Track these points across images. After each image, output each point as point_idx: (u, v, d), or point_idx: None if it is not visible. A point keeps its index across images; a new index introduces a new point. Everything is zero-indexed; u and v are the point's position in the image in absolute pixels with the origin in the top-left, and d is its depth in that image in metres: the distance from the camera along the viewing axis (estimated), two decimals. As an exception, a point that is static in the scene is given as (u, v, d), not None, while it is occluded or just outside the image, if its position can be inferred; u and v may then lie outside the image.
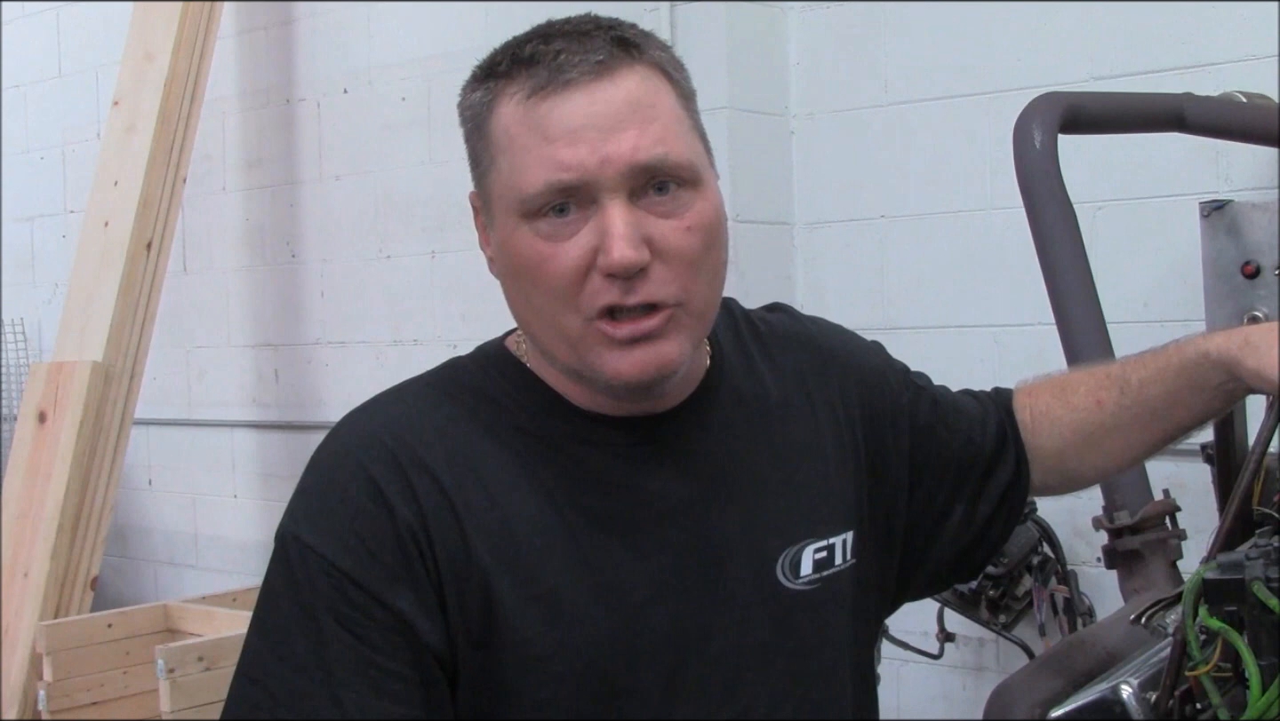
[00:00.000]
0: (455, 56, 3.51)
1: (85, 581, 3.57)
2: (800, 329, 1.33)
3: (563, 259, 1.06)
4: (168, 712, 3.04)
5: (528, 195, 1.06)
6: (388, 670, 1.05)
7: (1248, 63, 2.59)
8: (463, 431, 1.13)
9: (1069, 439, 1.34)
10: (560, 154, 1.05)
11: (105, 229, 3.72)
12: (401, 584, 1.06)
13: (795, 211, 3.20)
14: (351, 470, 1.10)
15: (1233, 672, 1.16)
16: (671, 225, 1.07)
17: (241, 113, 4.11)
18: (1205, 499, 2.23)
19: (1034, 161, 2.02)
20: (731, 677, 1.13)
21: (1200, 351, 1.24)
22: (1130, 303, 2.66)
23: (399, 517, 1.07)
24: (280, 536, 1.11)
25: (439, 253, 3.62)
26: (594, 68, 1.06)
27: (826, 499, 1.22)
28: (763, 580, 1.16)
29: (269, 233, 4.06)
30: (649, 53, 1.10)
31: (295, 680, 1.06)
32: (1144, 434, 1.30)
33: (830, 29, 3.16)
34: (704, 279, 1.10)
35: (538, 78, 1.07)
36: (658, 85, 1.09)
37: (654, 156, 1.06)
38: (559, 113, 1.06)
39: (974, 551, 1.35)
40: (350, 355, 3.85)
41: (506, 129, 1.08)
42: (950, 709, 3.01)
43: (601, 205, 1.06)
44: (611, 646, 1.09)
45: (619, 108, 1.06)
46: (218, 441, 4.23)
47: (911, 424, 1.31)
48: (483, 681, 1.08)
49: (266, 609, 1.10)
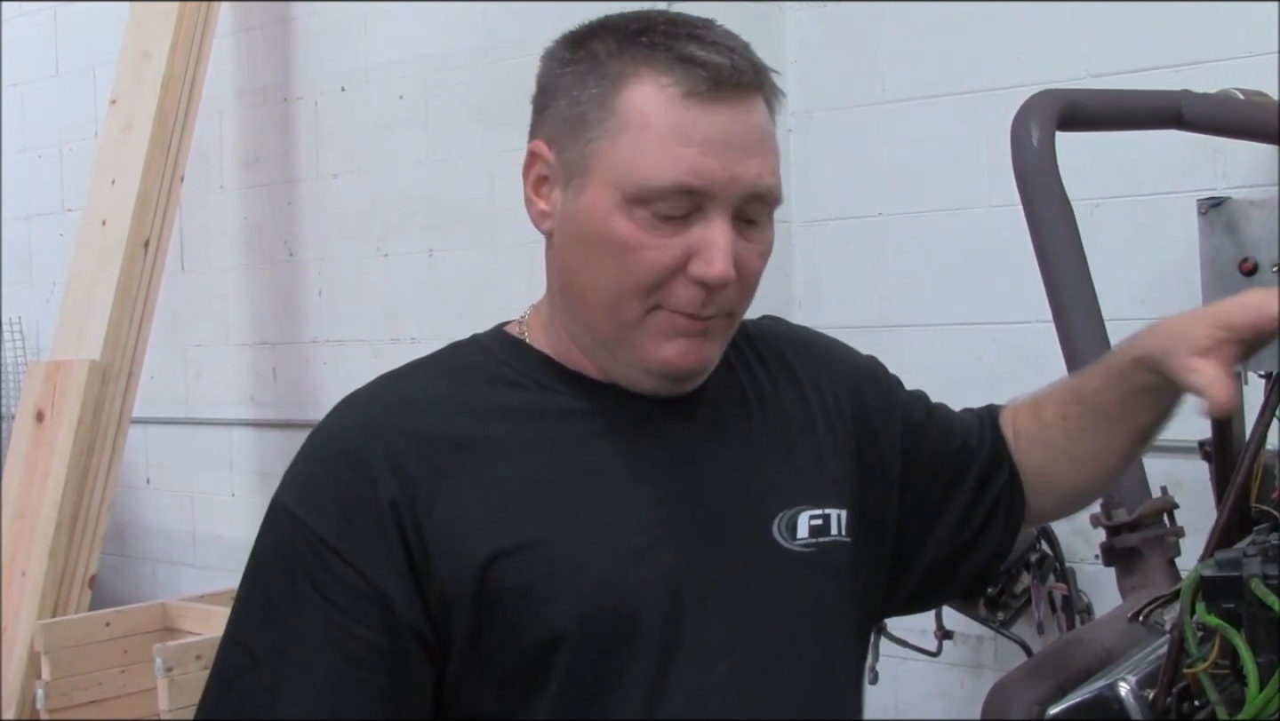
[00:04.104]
0: (453, 55, 3.51)
1: (83, 580, 3.56)
2: (790, 330, 1.37)
3: (658, 255, 1.10)
4: (166, 711, 3.04)
5: (649, 185, 1.09)
6: (358, 637, 1.08)
7: (1245, 59, 2.59)
8: (460, 400, 1.16)
9: (1044, 454, 1.34)
10: (696, 160, 1.09)
11: (103, 227, 3.72)
12: (378, 555, 1.09)
13: (793, 209, 3.20)
14: (340, 443, 1.14)
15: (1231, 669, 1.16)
16: (751, 248, 1.14)
17: (239, 111, 4.10)
18: (1203, 496, 2.23)
19: (1031, 159, 2.03)
20: (730, 628, 1.15)
21: (1133, 357, 1.24)
22: (1128, 300, 2.65)
23: (382, 487, 1.10)
24: (271, 505, 1.15)
25: (437, 251, 3.62)
26: (743, 91, 1.11)
27: (820, 472, 1.24)
28: (760, 538, 1.19)
29: (267, 231, 4.06)
30: (770, 83, 1.16)
31: (274, 642, 1.10)
32: (1110, 440, 1.30)
33: (827, 27, 3.16)
34: (751, 295, 1.18)
35: (694, 81, 1.10)
36: (769, 116, 1.16)
37: (768, 188, 1.13)
38: (707, 122, 1.10)
39: (968, 556, 1.34)
40: (348, 353, 3.85)
41: (643, 111, 1.10)
42: (949, 706, 3.01)
43: (709, 217, 1.10)
44: (613, 589, 1.11)
45: (755, 134, 1.12)
46: (216, 440, 4.23)
47: (905, 421, 1.33)
48: (479, 640, 1.10)
49: (252, 573, 1.15)
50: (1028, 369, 2.87)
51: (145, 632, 3.45)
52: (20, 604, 3.49)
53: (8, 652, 3.47)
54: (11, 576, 3.54)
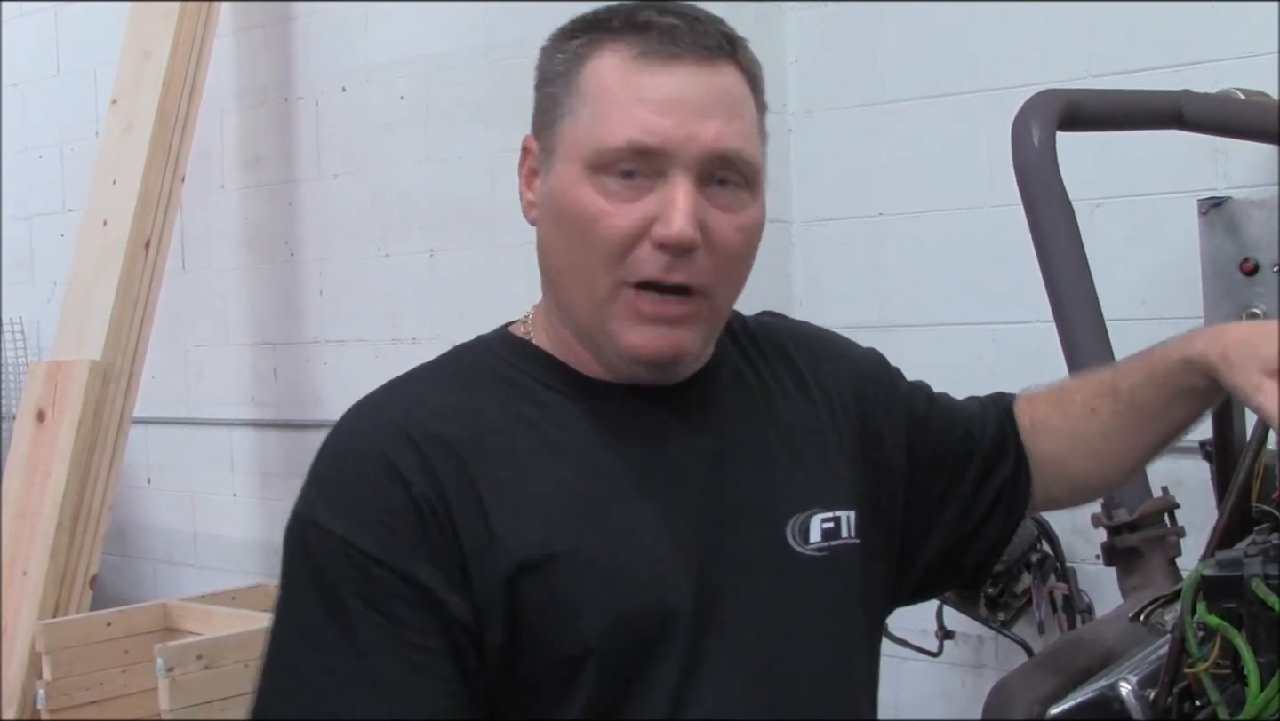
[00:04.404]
0: (453, 55, 3.51)
1: (84, 580, 3.56)
2: (791, 326, 1.36)
3: (619, 220, 1.09)
4: (167, 711, 3.04)
5: (604, 148, 1.08)
6: (418, 644, 1.05)
7: (1246, 59, 2.59)
8: (475, 405, 1.14)
9: (1068, 446, 1.34)
10: (649, 118, 1.08)
11: (104, 227, 3.72)
12: (422, 557, 1.06)
13: (793, 209, 3.20)
14: (363, 450, 1.10)
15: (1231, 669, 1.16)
16: (726, 219, 1.11)
17: (240, 111, 4.11)
18: (1204, 496, 2.23)
19: (1032, 159, 2.02)
20: (750, 635, 1.14)
21: (1184, 357, 1.23)
22: (1128, 300, 2.65)
23: (415, 490, 1.07)
24: (296, 523, 1.11)
25: (437, 251, 3.62)
26: (703, 52, 1.10)
27: (830, 474, 1.23)
28: (773, 543, 1.17)
29: (267, 231, 4.06)
30: (747, 56, 1.14)
31: (329, 665, 1.05)
32: (1140, 437, 1.30)
33: (828, 27, 3.16)
34: (733, 279, 1.14)
35: (648, 42, 1.09)
36: (746, 89, 1.14)
37: (732, 148, 1.10)
38: (659, 80, 1.09)
39: (970, 547, 1.34)
40: (348, 353, 3.85)
41: (600, 81, 1.10)
42: (949, 706, 3.01)
43: (670, 179, 1.08)
44: (640, 601, 1.10)
45: (715, 94, 1.10)
46: (216, 440, 4.23)
47: (908, 414, 1.32)
48: (512, 650, 1.08)
49: (289, 597, 1.10)
50: (1028, 369, 2.87)
51: (146, 633, 3.44)
52: (21, 604, 3.49)
53: (8, 653, 3.47)
54: (12, 576, 3.54)
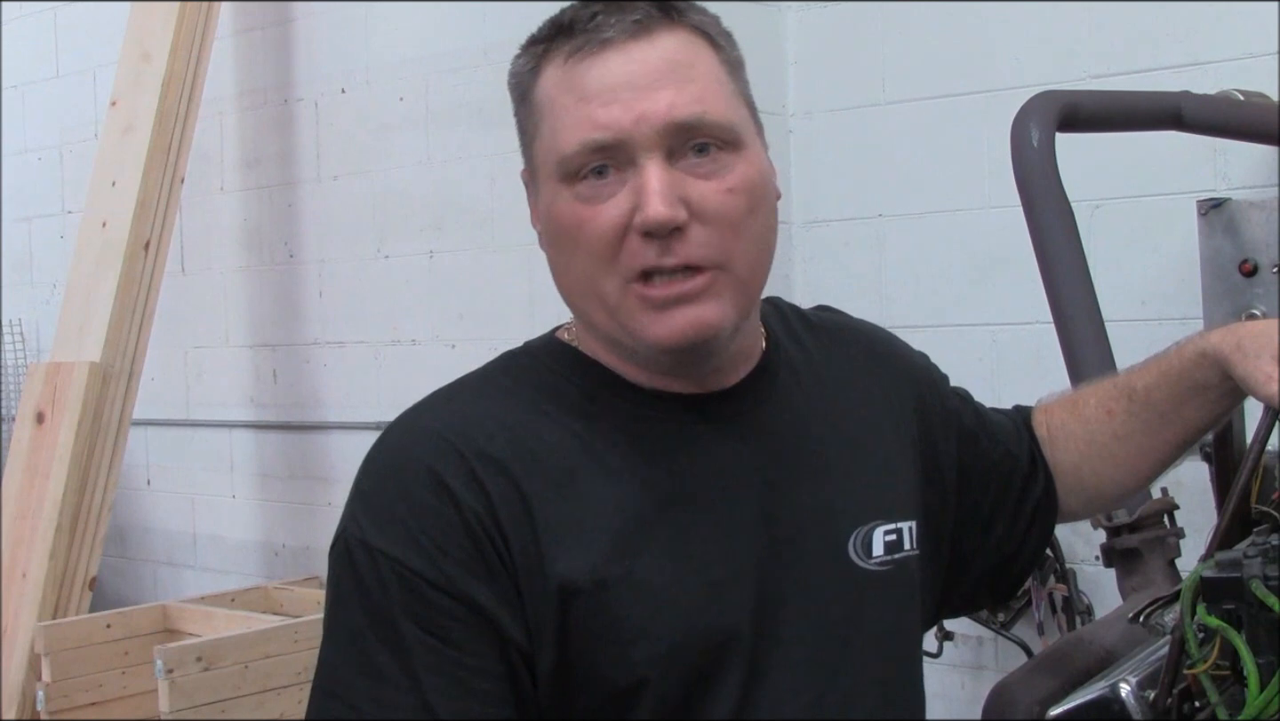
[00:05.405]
0: (453, 56, 3.51)
1: (84, 581, 3.56)
2: (851, 323, 1.32)
3: (600, 220, 1.05)
4: (166, 713, 3.03)
5: (565, 155, 1.06)
6: (475, 668, 1.02)
7: (1245, 60, 2.60)
8: (524, 421, 1.09)
9: (1084, 451, 1.33)
10: (596, 113, 1.04)
11: (103, 229, 3.72)
12: (476, 577, 1.03)
13: (793, 210, 3.20)
14: (411, 467, 1.06)
15: (1231, 670, 1.16)
16: (712, 186, 1.06)
17: (239, 112, 4.10)
18: (1203, 497, 2.23)
19: (1031, 160, 2.02)
20: (812, 657, 1.11)
21: (1199, 351, 1.23)
22: (1128, 301, 2.66)
23: (466, 509, 1.03)
24: (343, 543, 1.07)
25: (437, 252, 3.62)
26: (631, 27, 1.06)
27: (892, 482, 1.20)
28: (836, 558, 1.14)
29: (267, 233, 4.06)
30: (690, 17, 1.09)
31: (380, 691, 1.02)
32: (1156, 439, 1.29)
33: (828, 28, 3.16)
34: (748, 243, 1.08)
35: (577, 40, 1.06)
36: (698, 48, 1.08)
37: (690, 115, 1.05)
38: (595, 72, 1.05)
39: (1011, 566, 1.33)
40: (348, 355, 3.85)
41: (547, 93, 1.08)
42: (949, 707, 3.01)
43: (639, 165, 1.04)
44: (696, 627, 1.06)
45: (656, 66, 1.05)
46: (216, 441, 4.23)
47: (959, 429, 1.30)
48: (563, 676, 1.05)
49: (339, 619, 1.06)
50: (1028, 369, 2.88)
51: (146, 634, 3.44)
52: (21, 605, 3.49)
53: (8, 654, 3.47)
54: (12, 578, 3.53)
